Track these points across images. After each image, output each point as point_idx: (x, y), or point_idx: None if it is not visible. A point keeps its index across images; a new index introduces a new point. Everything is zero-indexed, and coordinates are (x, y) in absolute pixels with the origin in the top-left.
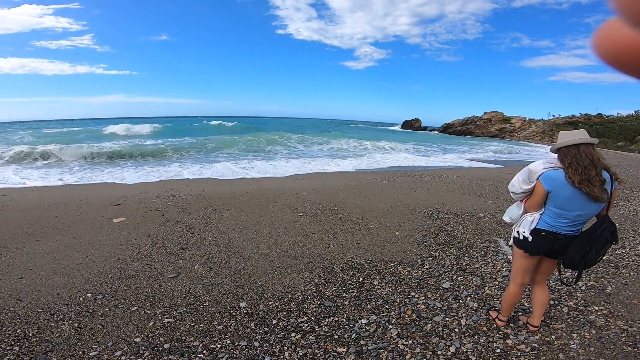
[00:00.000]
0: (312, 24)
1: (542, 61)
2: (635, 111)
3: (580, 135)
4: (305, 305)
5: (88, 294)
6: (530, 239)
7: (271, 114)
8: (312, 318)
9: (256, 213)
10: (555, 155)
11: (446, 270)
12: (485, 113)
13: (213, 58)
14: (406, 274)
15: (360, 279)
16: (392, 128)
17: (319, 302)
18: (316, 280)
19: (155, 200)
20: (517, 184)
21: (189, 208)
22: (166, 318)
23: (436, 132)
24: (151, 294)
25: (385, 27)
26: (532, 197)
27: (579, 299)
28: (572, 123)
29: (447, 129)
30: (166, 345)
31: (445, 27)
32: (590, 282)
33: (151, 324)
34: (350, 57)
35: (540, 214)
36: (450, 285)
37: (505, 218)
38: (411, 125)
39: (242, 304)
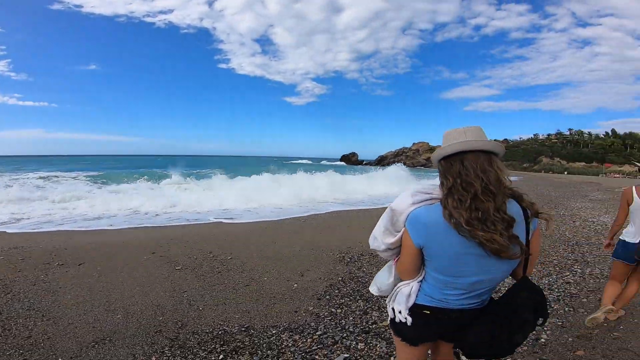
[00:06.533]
0: (255, 59)
1: (458, 92)
2: (534, 134)
3: (468, 135)
4: None
5: None
6: (409, 321)
7: (210, 152)
8: None
9: (118, 268)
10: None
11: (345, 334)
12: (413, 144)
13: (148, 90)
14: (290, 344)
15: (220, 357)
16: (334, 163)
17: None
18: (153, 359)
19: None
20: (379, 235)
21: (25, 263)
22: None
23: (369, 165)
24: None
25: (326, 62)
26: (400, 256)
27: None
28: None
29: (382, 161)
30: None
31: (380, 62)
32: None
33: None
34: (292, 92)
35: (420, 282)
36: (345, 359)
37: (372, 289)
38: (348, 159)
39: None
